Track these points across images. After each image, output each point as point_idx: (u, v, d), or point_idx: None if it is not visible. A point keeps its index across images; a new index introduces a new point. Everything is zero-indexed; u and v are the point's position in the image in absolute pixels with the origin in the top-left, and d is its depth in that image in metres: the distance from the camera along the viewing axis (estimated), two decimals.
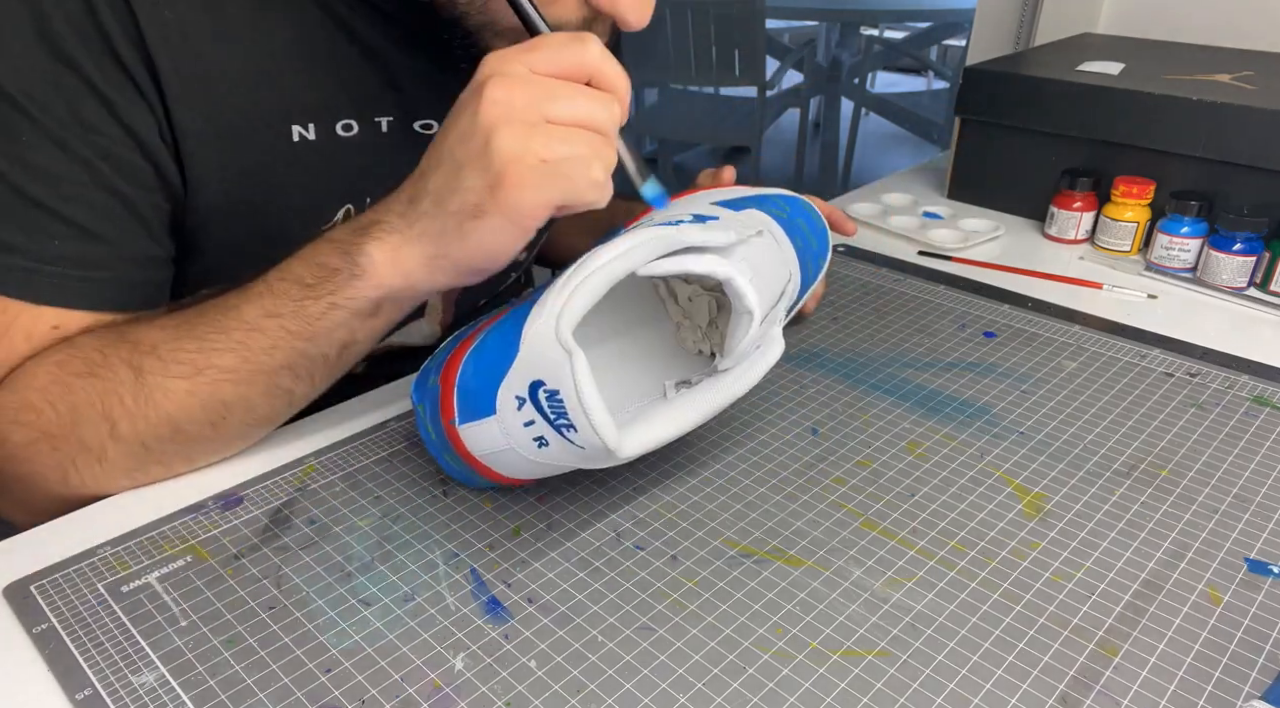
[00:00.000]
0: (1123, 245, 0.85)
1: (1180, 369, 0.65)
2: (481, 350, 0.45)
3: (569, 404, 0.41)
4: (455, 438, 0.46)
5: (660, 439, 0.45)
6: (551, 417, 0.42)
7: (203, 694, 0.39)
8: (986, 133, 0.94)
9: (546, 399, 0.42)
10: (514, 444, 0.44)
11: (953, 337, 0.69)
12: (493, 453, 0.45)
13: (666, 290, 0.58)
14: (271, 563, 0.46)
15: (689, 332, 0.57)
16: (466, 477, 0.49)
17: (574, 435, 0.42)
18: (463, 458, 0.46)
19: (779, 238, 0.55)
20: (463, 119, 0.43)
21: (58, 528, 0.49)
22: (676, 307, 0.58)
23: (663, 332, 0.58)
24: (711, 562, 0.46)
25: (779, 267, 0.53)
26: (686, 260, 0.44)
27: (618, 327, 0.56)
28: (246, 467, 0.53)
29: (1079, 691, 0.39)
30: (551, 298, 0.42)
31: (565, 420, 0.42)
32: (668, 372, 0.56)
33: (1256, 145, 0.78)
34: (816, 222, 0.63)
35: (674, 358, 0.57)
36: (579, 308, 0.42)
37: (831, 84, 3.06)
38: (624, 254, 0.43)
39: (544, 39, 0.45)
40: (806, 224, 0.61)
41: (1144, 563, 0.47)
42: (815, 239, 0.62)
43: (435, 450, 0.49)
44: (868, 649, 0.41)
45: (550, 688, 0.39)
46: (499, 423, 0.44)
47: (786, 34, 3.28)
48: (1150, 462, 0.55)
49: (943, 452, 0.55)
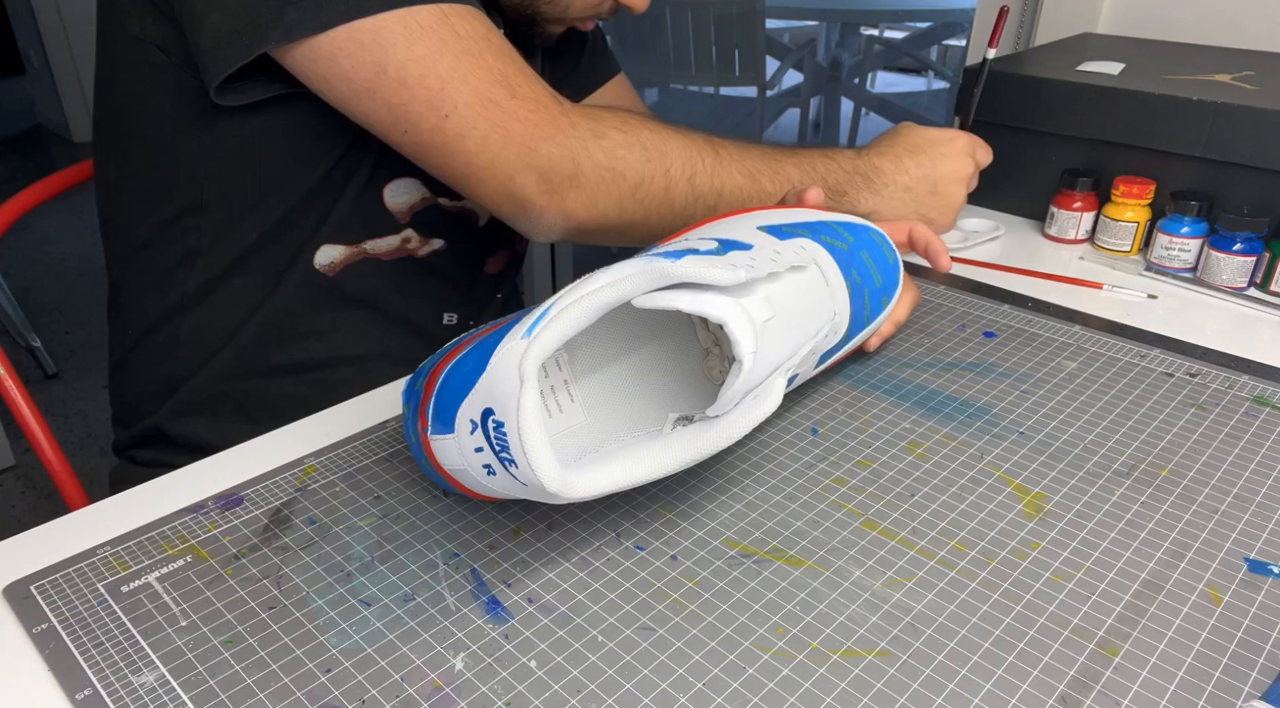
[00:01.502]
0: (1123, 245, 0.85)
1: (1180, 369, 0.65)
2: (459, 365, 0.44)
3: (510, 439, 0.39)
4: (428, 447, 0.45)
5: (611, 487, 0.42)
6: (496, 447, 0.40)
7: (203, 694, 0.39)
8: (986, 133, 0.94)
9: (494, 429, 0.40)
10: (468, 466, 0.43)
11: (953, 337, 0.69)
12: (455, 470, 0.44)
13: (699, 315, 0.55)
14: (271, 563, 0.46)
15: (715, 360, 0.54)
16: (444, 484, 0.48)
17: (515, 471, 0.40)
18: (435, 468, 0.46)
19: (828, 273, 0.51)
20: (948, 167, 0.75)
21: (58, 528, 0.49)
22: (707, 333, 0.54)
23: (687, 349, 0.55)
24: (711, 562, 0.46)
25: (817, 308, 0.49)
26: (679, 297, 0.41)
27: (640, 334, 0.54)
28: (246, 467, 0.53)
29: (1079, 691, 0.39)
30: (530, 320, 0.41)
31: (508, 454, 0.40)
32: (680, 399, 0.53)
33: (1256, 145, 0.78)
34: (885, 254, 0.59)
35: (691, 383, 0.54)
36: (553, 337, 0.39)
37: (831, 84, 3.05)
38: (611, 284, 0.40)
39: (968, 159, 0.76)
40: (871, 256, 0.56)
41: (1144, 563, 0.47)
42: (880, 275, 0.57)
43: (416, 454, 0.48)
44: (868, 649, 0.41)
45: (550, 688, 0.39)
46: (456, 442, 0.42)
47: (786, 34, 3.27)
48: (1150, 462, 0.55)
49: (943, 452, 0.55)
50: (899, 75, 4.39)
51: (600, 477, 0.41)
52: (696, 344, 0.55)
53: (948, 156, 0.75)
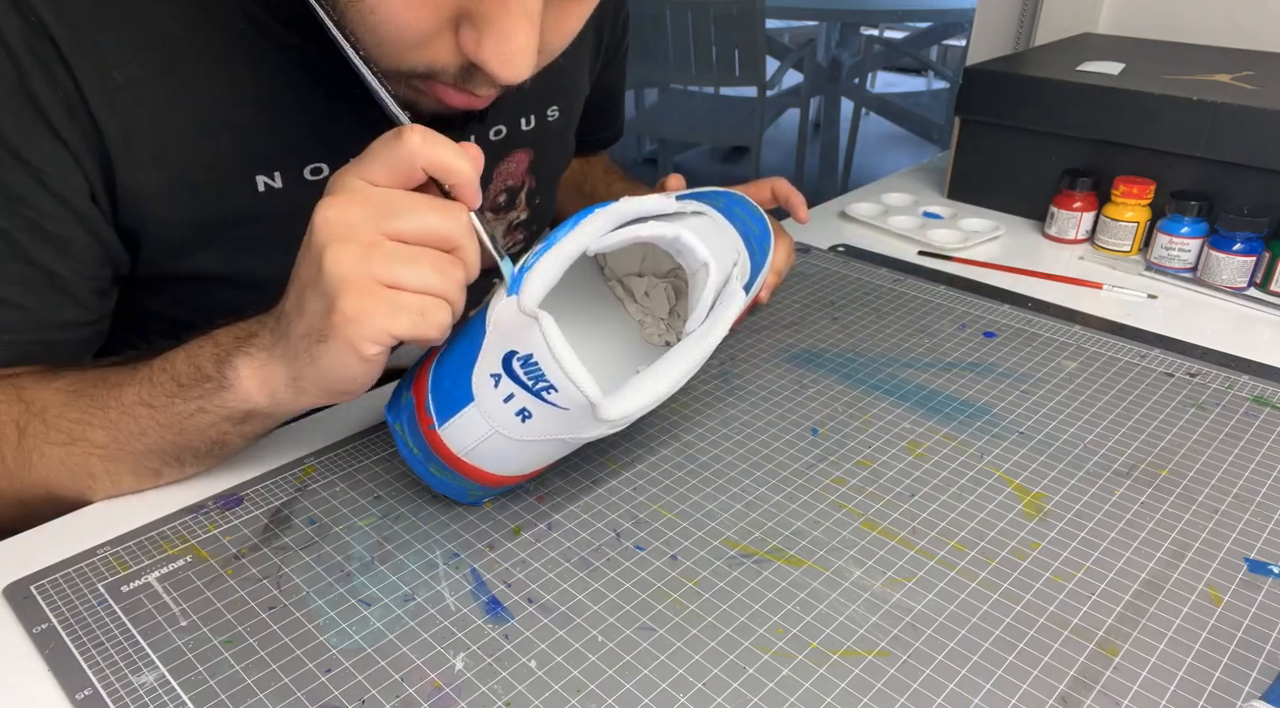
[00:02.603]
0: (1123, 245, 0.85)
1: (1180, 369, 0.65)
2: (448, 351, 0.45)
3: (545, 365, 0.41)
4: (438, 443, 0.45)
5: (643, 403, 0.43)
6: (529, 383, 0.42)
7: (203, 694, 0.39)
8: (986, 133, 0.94)
9: (521, 366, 0.42)
10: (497, 427, 0.44)
11: (953, 337, 0.69)
12: (477, 446, 0.45)
13: (623, 290, 0.58)
14: (271, 563, 0.46)
15: (652, 326, 0.58)
16: (454, 489, 0.48)
17: (555, 397, 0.42)
18: (448, 464, 0.46)
19: (719, 221, 0.55)
20: (308, 237, 0.42)
21: (58, 528, 0.49)
22: (635, 305, 0.58)
23: (625, 332, 0.58)
24: (711, 562, 0.46)
25: (725, 242, 0.53)
26: (636, 229, 0.46)
27: (579, 336, 0.56)
28: (246, 467, 0.53)
29: (1079, 691, 0.39)
30: (508, 282, 0.43)
31: (544, 382, 0.42)
32: (634, 363, 0.56)
33: (1256, 145, 0.78)
34: (752, 211, 0.64)
35: (641, 353, 0.58)
36: (539, 283, 0.42)
37: (831, 84, 3.06)
38: (576, 231, 0.44)
39: (373, 146, 0.42)
40: (744, 211, 0.61)
41: (1144, 563, 0.47)
42: (755, 224, 0.62)
43: (420, 467, 0.47)
44: (868, 649, 0.41)
45: (550, 688, 0.39)
46: (479, 408, 0.44)
47: (786, 34, 3.27)
48: (1150, 462, 0.55)
49: (943, 452, 0.55)
50: (899, 75, 4.39)
51: (628, 397, 0.43)
52: (628, 323, 0.59)
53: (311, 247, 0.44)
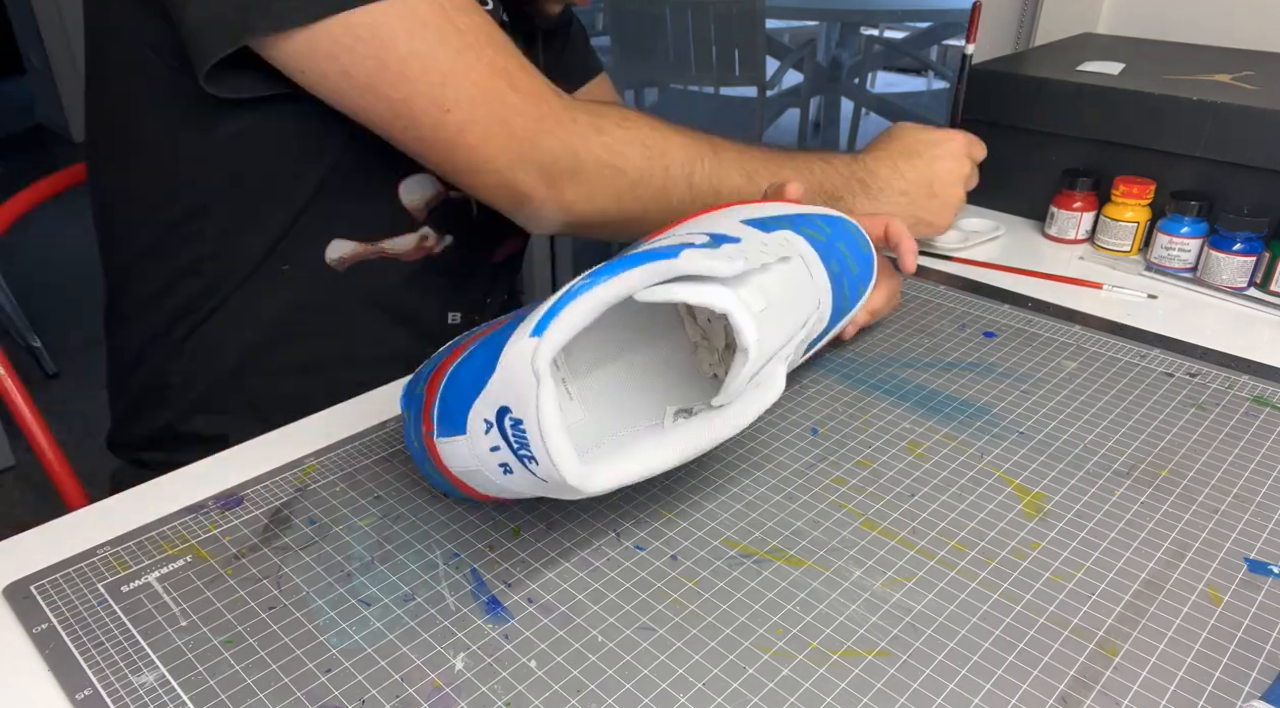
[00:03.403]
0: (1123, 245, 0.85)
1: (1180, 369, 0.65)
2: (465, 365, 0.44)
3: (531, 437, 0.39)
4: (434, 451, 0.45)
5: (628, 479, 0.42)
6: (515, 446, 0.41)
7: (203, 694, 0.39)
8: (986, 133, 0.94)
9: (511, 427, 0.40)
10: (482, 467, 0.43)
11: (953, 337, 0.69)
12: (466, 472, 0.44)
13: (686, 308, 0.55)
14: (271, 563, 0.46)
15: (705, 353, 0.55)
16: (447, 488, 0.48)
17: (535, 468, 0.40)
18: (441, 471, 0.46)
19: (810, 264, 0.52)
20: None
21: (58, 528, 0.49)
22: (695, 326, 0.55)
23: (675, 354, 0.55)
24: (711, 562, 0.46)
25: (804, 297, 0.50)
26: (682, 289, 0.42)
27: (633, 337, 0.54)
28: (246, 467, 0.53)
29: (1079, 691, 0.39)
30: (536, 317, 0.41)
31: (527, 451, 0.40)
32: (676, 393, 0.53)
33: (1256, 145, 0.78)
34: (860, 246, 0.60)
35: (686, 379, 0.54)
36: (561, 333, 0.40)
37: (831, 84, 3.05)
38: (616, 280, 0.41)
39: None
40: (848, 247, 0.58)
41: (1144, 563, 0.47)
42: (856, 264, 0.58)
43: (418, 459, 0.48)
44: (868, 649, 0.41)
45: (550, 688, 0.39)
46: (469, 444, 0.42)
47: (786, 34, 3.27)
48: (1150, 462, 0.55)
49: (943, 452, 0.55)
50: (899, 75, 4.39)
51: (616, 470, 0.42)
52: (685, 339, 0.56)
53: (943, 158, 0.76)
